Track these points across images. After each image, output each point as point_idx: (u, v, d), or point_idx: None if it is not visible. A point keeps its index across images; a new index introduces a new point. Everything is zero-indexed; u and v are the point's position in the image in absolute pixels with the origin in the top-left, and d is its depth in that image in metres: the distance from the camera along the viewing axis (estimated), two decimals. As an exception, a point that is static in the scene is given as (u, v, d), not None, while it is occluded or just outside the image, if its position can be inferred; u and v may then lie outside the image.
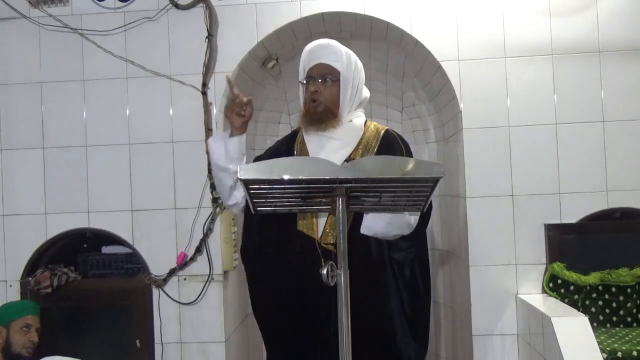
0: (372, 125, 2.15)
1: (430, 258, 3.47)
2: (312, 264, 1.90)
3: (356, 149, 2.07)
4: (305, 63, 2.11)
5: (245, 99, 2.04)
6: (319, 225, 2.03)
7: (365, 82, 2.20)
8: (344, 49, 2.09)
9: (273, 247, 2.10)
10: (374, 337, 1.98)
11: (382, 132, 2.12)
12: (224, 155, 2.04)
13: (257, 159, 2.20)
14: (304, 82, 2.10)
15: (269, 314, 2.13)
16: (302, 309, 2.02)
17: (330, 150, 2.02)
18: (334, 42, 2.10)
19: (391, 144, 2.08)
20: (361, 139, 2.09)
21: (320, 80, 2.06)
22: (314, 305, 1.99)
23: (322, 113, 2.04)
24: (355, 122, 2.10)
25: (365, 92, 2.17)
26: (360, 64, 2.13)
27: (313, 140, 2.09)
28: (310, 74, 2.08)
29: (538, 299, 2.76)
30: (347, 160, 2.02)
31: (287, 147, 2.18)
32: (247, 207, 2.04)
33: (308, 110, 2.08)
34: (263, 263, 2.12)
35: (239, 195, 2.08)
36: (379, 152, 2.06)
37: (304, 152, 2.11)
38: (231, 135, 2.07)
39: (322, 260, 1.93)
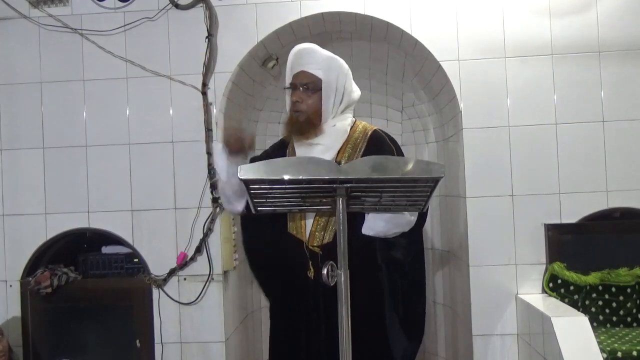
0: (361, 125, 2.15)
1: (430, 258, 3.51)
2: (301, 265, 2.00)
3: (342, 150, 2.08)
4: (290, 68, 2.11)
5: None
6: (307, 228, 2.06)
7: (365, 82, 2.22)
8: (326, 55, 2.08)
9: (268, 246, 2.17)
10: (366, 337, 1.99)
11: (370, 132, 2.12)
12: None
13: (254, 159, 2.21)
14: (289, 87, 2.10)
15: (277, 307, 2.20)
16: (294, 308, 2.06)
17: (315, 155, 2.03)
18: (316, 48, 2.09)
19: (380, 144, 2.09)
20: (347, 141, 2.09)
21: (302, 90, 2.06)
22: (304, 305, 2.03)
23: (303, 123, 2.06)
24: (339, 125, 2.10)
25: (355, 95, 2.16)
26: (346, 68, 2.11)
27: (300, 147, 2.12)
28: (294, 81, 2.08)
29: (538, 299, 2.76)
30: None
31: (280, 153, 2.19)
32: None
33: (291, 119, 2.10)
34: (264, 262, 2.21)
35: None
36: (367, 152, 2.06)
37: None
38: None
39: (310, 262, 1.98)
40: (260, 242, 2.21)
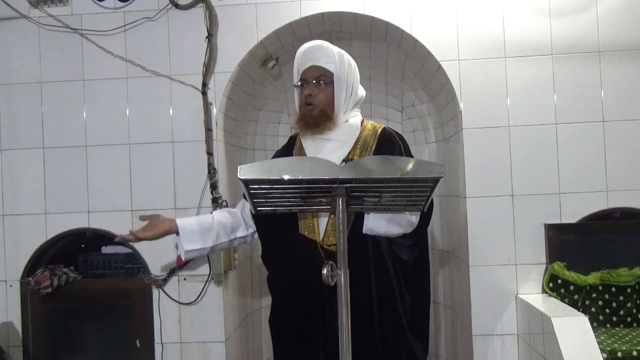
0: (370, 124, 2.15)
1: (430, 258, 3.48)
2: (316, 267, 1.87)
3: (354, 148, 2.07)
4: (298, 66, 2.10)
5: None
6: (320, 227, 2.03)
7: (365, 82, 2.21)
8: (336, 49, 2.07)
9: (279, 252, 2.11)
10: (373, 337, 1.99)
11: (380, 130, 2.12)
12: (198, 246, 2.14)
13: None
14: (298, 85, 2.09)
15: (281, 319, 2.13)
16: (309, 311, 2.02)
17: (328, 152, 2.02)
18: (325, 44, 2.09)
19: (390, 142, 2.08)
20: (358, 138, 2.08)
21: (314, 83, 2.05)
22: (320, 307, 1.99)
23: (318, 116, 2.04)
24: (352, 121, 2.10)
25: (361, 92, 2.16)
26: (354, 64, 2.12)
27: (310, 143, 2.09)
28: (304, 77, 2.07)
29: (538, 299, 2.76)
30: (345, 160, 2.02)
31: (286, 153, 2.18)
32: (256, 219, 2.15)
33: (303, 114, 2.07)
34: (273, 268, 2.15)
35: (242, 233, 2.19)
36: (377, 151, 2.05)
37: (302, 155, 2.11)
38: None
39: (325, 262, 1.95)
40: (272, 243, 2.15)
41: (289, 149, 2.19)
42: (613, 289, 2.78)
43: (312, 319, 2.00)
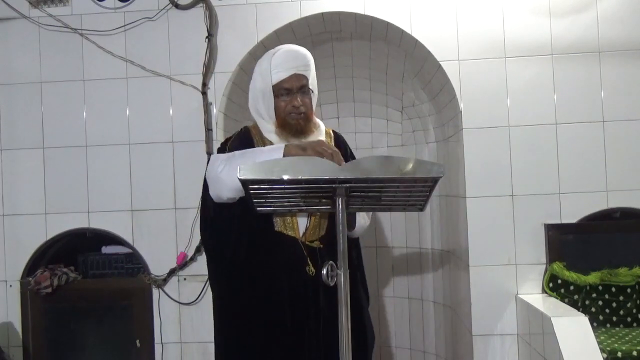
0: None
1: (430, 258, 3.51)
2: (297, 262, 1.99)
3: None
4: (275, 71, 2.02)
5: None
6: (300, 225, 2.04)
7: (365, 82, 2.23)
8: (309, 54, 2.08)
9: (250, 251, 2.06)
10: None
11: (331, 132, 2.22)
12: None
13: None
14: (281, 94, 2.03)
15: (251, 324, 2.06)
16: (290, 308, 2.00)
17: None
18: (302, 49, 2.08)
19: (343, 143, 2.20)
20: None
21: (299, 92, 2.03)
22: (304, 302, 2.00)
23: (305, 125, 2.05)
24: (320, 124, 2.15)
25: None
26: None
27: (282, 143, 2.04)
28: (287, 86, 2.01)
29: (538, 299, 2.76)
30: None
31: (245, 142, 2.09)
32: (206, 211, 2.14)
33: (287, 123, 2.03)
34: (242, 269, 2.07)
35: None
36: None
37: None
38: None
39: (308, 258, 1.99)
40: (250, 240, 2.07)
41: (248, 145, 2.08)
42: (613, 289, 2.78)
43: (296, 314, 2.00)
